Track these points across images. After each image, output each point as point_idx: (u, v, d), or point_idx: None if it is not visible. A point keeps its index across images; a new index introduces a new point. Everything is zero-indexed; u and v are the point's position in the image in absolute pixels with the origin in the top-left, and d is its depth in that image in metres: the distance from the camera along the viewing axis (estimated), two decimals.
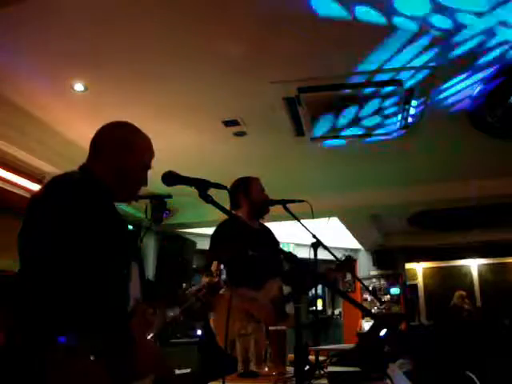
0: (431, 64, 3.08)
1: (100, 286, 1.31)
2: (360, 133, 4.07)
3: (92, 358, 1.25)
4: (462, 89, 3.41)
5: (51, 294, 1.25)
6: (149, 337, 1.47)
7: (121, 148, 1.55)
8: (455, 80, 3.28)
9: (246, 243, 2.52)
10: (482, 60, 3.04)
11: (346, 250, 8.73)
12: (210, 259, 2.50)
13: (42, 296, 1.26)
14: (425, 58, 3.01)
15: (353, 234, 7.83)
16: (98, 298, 1.30)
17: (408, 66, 3.09)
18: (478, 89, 3.38)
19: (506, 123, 3.75)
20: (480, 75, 3.23)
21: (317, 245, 2.41)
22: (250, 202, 2.67)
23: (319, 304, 9.51)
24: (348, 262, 2.71)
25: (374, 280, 8.76)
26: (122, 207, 4.17)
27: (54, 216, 1.31)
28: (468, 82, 3.32)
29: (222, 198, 1.60)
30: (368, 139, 4.23)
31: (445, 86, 3.37)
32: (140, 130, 1.63)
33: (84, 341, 1.25)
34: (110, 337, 1.30)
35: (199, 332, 5.14)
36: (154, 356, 1.44)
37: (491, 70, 3.14)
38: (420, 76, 3.21)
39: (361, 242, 8.52)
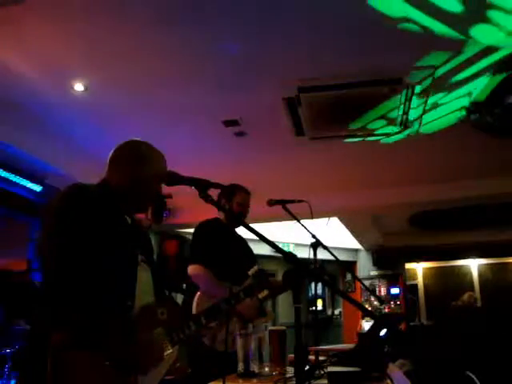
0: (432, 64, 3.08)
1: (101, 284, 1.40)
2: (360, 133, 4.07)
3: (93, 351, 1.32)
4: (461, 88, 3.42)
5: (56, 292, 1.34)
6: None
7: (135, 161, 1.66)
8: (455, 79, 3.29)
9: (226, 242, 2.65)
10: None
11: (346, 250, 8.75)
12: (195, 250, 2.60)
13: (50, 294, 1.36)
14: (425, 58, 3.01)
15: (353, 234, 7.83)
16: (99, 295, 1.38)
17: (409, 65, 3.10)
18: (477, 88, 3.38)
19: (505, 123, 3.75)
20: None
21: (316, 245, 2.42)
22: (227, 209, 2.72)
23: (319, 304, 9.51)
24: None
25: (374, 280, 8.75)
26: None
27: (61, 222, 1.42)
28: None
29: None
30: (368, 139, 4.23)
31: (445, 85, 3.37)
32: (154, 147, 1.73)
33: (86, 335, 1.33)
34: (110, 331, 1.36)
35: None
36: (154, 351, 1.47)
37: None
38: (420, 75, 3.21)
39: (361, 242, 8.52)
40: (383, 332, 1.82)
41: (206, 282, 2.50)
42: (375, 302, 8.03)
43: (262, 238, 1.44)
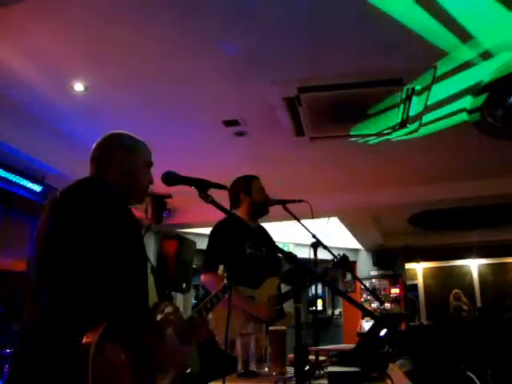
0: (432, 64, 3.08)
1: (127, 284, 1.34)
2: (360, 133, 4.07)
3: (120, 350, 1.26)
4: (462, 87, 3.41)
5: (81, 293, 1.27)
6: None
7: (123, 152, 1.63)
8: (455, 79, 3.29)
9: (244, 242, 2.54)
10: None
11: (346, 250, 8.75)
12: (208, 258, 2.55)
13: (72, 294, 1.28)
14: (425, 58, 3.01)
15: (353, 234, 7.83)
16: (125, 295, 1.32)
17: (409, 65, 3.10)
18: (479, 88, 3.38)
19: (506, 123, 3.75)
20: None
21: (317, 245, 2.41)
22: (250, 201, 2.69)
23: (319, 304, 9.52)
24: (345, 261, 2.66)
25: (373, 280, 8.75)
26: None
27: (88, 218, 1.34)
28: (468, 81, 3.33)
29: (222, 197, 1.60)
30: (368, 139, 4.23)
31: (445, 85, 3.37)
32: (134, 135, 1.72)
33: (113, 335, 1.25)
34: (139, 332, 1.32)
35: None
36: (176, 352, 1.47)
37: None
38: (421, 75, 3.21)
39: (361, 242, 8.52)
40: (383, 332, 1.82)
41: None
42: (375, 303, 8.03)
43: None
